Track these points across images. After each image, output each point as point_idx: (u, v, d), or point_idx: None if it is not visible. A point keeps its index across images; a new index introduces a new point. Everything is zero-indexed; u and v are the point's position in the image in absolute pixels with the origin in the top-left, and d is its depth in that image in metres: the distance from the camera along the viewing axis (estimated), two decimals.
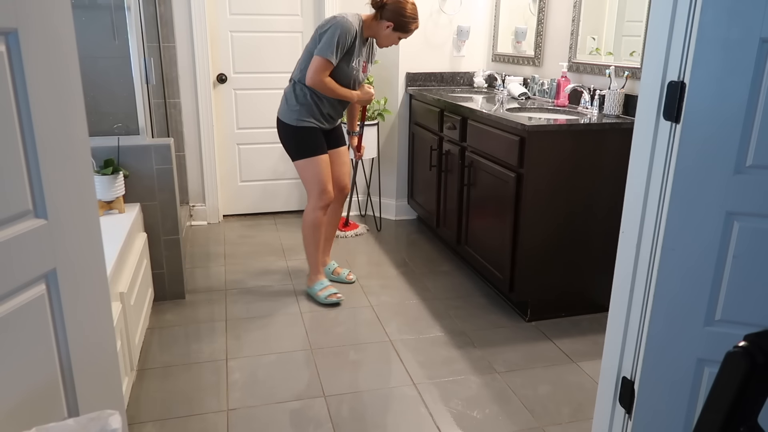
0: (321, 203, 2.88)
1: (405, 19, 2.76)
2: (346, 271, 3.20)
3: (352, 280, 3.18)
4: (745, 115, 1.26)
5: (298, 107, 2.79)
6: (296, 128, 2.80)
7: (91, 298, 1.23)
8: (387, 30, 2.76)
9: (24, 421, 1.06)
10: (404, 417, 2.08)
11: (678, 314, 1.42)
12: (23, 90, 1.02)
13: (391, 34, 2.79)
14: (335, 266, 3.21)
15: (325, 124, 2.89)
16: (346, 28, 2.65)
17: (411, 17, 2.79)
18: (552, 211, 2.63)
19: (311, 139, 2.82)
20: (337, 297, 2.92)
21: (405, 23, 2.77)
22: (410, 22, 2.79)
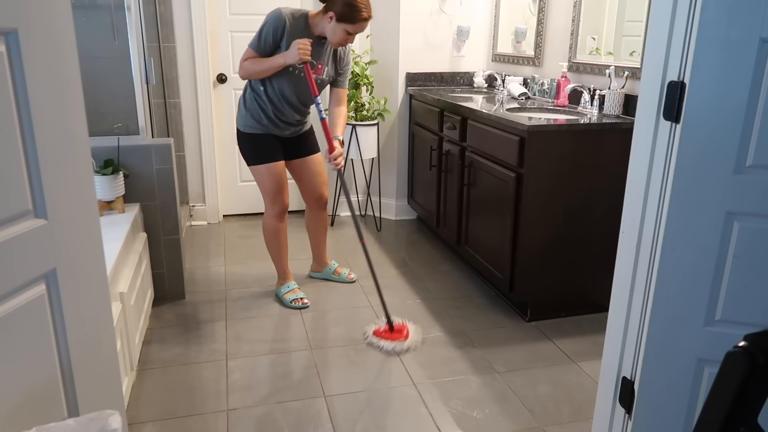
0: (273, 212, 2.81)
1: (349, 7, 2.42)
2: (346, 271, 3.19)
3: (353, 279, 3.17)
4: (745, 115, 1.26)
5: (245, 112, 2.70)
6: (244, 134, 2.72)
7: (91, 298, 1.23)
8: (332, 23, 2.47)
9: (24, 421, 1.06)
10: (404, 417, 2.08)
11: (678, 314, 1.42)
12: (23, 90, 1.02)
13: (336, 27, 2.47)
14: (336, 266, 3.20)
15: (277, 129, 2.73)
16: (273, 18, 2.50)
17: (357, 7, 2.43)
18: (552, 211, 2.63)
19: (258, 145, 2.71)
20: (302, 302, 2.87)
21: (348, 12, 2.43)
22: (355, 11, 2.43)
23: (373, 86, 3.87)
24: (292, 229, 4.03)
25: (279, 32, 2.51)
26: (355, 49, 3.93)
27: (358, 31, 2.52)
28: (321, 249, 3.16)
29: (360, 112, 3.87)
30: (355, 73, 3.76)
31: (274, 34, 2.51)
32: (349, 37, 2.53)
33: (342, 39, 2.52)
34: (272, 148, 2.74)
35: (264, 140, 2.72)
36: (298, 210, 4.39)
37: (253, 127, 2.69)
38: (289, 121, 2.73)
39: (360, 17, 2.46)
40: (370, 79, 3.81)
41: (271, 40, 2.52)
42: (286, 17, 2.50)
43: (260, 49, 2.53)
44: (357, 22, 2.47)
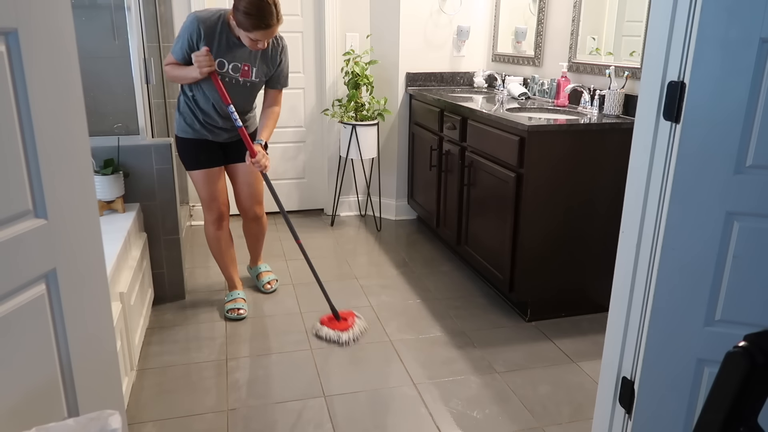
0: (209, 218, 2.71)
1: (245, 15, 2.23)
2: (267, 279, 3.03)
3: (269, 290, 3.01)
4: (745, 115, 1.26)
5: (179, 116, 2.59)
6: (179, 138, 2.62)
7: (91, 298, 1.23)
8: (236, 28, 2.32)
9: (24, 421, 1.06)
10: (404, 417, 2.08)
11: (678, 314, 1.42)
12: (23, 90, 1.02)
13: (239, 32, 2.32)
14: (261, 270, 3.08)
15: (211, 134, 2.59)
16: (186, 25, 2.36)
17: (253, 14, 2.22)
18: (552, 211, 2.63)
19: (192, 150, 2.60)
20: (237, 313, 2.74)
21: (243, 20, 2.24)
22: (251, 21, 2.23)
23: (373, 86, 3.87)
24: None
25: (194, 38, 2.37)
26: (355, 49, 3.93)
27: (261, 39, 2.30)
28: (254, 252, 3.08)
29: (360, 112, 3.87)
30: (355, 73, 3.76)
31: (189, 41, 2.37)
32: (257, 42, 2.32)
33: (250, 44, 2.33)
34: (206, 153, 2.61)
35: (198, 145, 2.60)
36: (299, 210, 4.40)
37: (187, 132, 2.58)
38: (221, 126, 2.59)
39: (256, 27, 2.25)
40: (370, 79, 3.81)
41: (187, 47, 2.38)
42: (199, 22, 2.34)
43: (179, 56, 2.41)
44: (253, 30, 2.26)
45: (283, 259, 3.48)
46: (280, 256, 3.52)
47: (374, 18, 4.02)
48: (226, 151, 2.67)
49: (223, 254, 2.81)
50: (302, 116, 4.20)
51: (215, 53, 2.39)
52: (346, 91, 3.95)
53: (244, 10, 2.22)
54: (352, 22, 4.01)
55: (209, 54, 2.36)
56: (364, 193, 4.29)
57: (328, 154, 4.21)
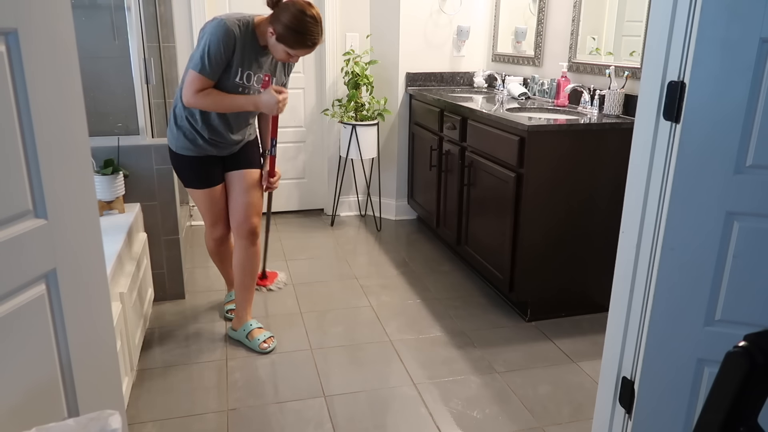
0: (212, 234, 2.56)
1: (291, 30, 2.08)
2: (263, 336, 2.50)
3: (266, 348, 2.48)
4: (745, 115, 1.26)
5: (176, 131, 2.31)
6: (176, 155, 2.36)
7: (91, 298, 1.23)
8: (271, 38, 2.13)
9: (24, 421, 1.06)
10: (404, 417, 2.08)
11: (678, 314, 1.42)
12: (23, 90, 1.02)
13: (275, 45, 2.14)
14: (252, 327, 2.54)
15: (215, 150, 2.36)
16: (221, 33, 2.08)
17: (300, 32, 2.09)
18: (552, 211, 2.63)
19: (193, 169, 2.36)
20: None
21: (289, 36, 2.09)
22: (298, 37, 2.09)
23: (373, 86, 3.87)
24: (292, 228, 4.04)
25: (230, 49, 2.12)
26: (355, 49, 3.93)
27: (301, 55, 2.19)
28: (246, 298, 2.54)
29: (360, 112, 3.87)
30: (355, 73, 3.76)
31: (225, 52, 2.11)
32: (291, 58, 2.20)
33: (283, 58, 2.19)
34: (210, 170, 2.38)
35: (200, 163, 2.36)
36: (299, 210, 4.40)
37: (187, 149, 2.32)
38: (228, 142, 2.37)
39: (303, 44, 2.12)
40: (370, 79, 3.81)
41: (222, 61, 2.12)
42: (235, 30, 2.11)
43: (212, 74, 2.12)
44: (298, 48, 2.13)
45: (283, 259, 3.48)
46: (280, 256, 3.52)
47: (374, 18, 4.02)
48: (224, 161, 2.45)
49: (223, 261, 2.71)
50: (302, 116, 4.20)
51: (243, 66, 2.19)
52: (346, 91, 3.95)
53: (293, 27, 2.07)
54: (352, 22, 4.01)
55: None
56: (364, 193, 4.29)
57: (328, 154, 4.21)
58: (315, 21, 2.10)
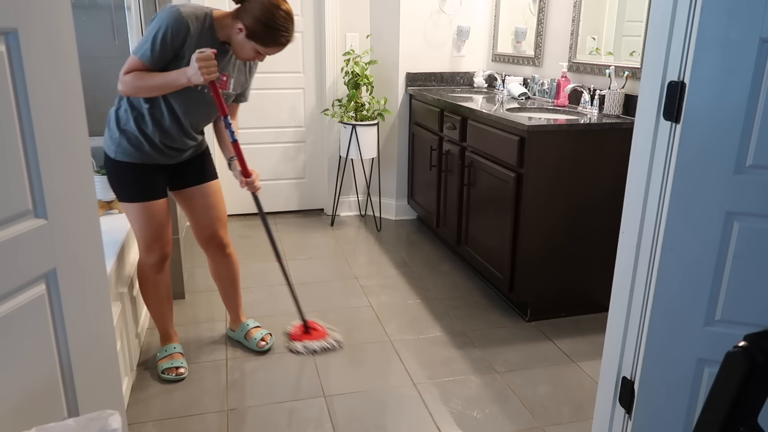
0: (148, 259, 2.19)
1: (265, 26, 1.91)
2: (260, 334, 2.47)
3: (263, 347, 2.44)
4: (745, 115, 1.26)
5: (118, 134, 2.03)
6: (114, 162, 2.06)
7: (91, 298, 1.23)
8: (240, 35, 1.94)
9: (24, 421, 1.06)
10: (404, 417, 2.08)
11: (678, 314, 1.42)
12: (23, 90, 1.02)
13: (244, 42, 1.95)
14: (250, 327, 2.50)
15: (163, 158, 2.10)
16: (171, 20, 1.88)
17: (275, 28, 1.92)
18: (552, 211, 2.63)
19: (133, 179, 2.07)
20: (176, 373, 2.24)
21: (263, 32, 1.92)
22: (272, 33, 1.93)
23: (373, 86, 3.87)
24: (292, 229, 4.03)
25: (180, 38, 1.91)
26: (355, 49, 3.93)
27: (272, 54, 2.01)
28: (232, 303, 2.51)
29: (360, 112, 3.87)
30: (355, 73, 3.76)
31: (173, 40, 1.90)
32: (259, 56, 2.01)
33: (249, 56, 2.00)
34: (152, 181, 2.11)
35: (142, 172, 2.08)
36: (299, 210, 4.40)
37: (129, 155, 2.04)
38: (180, 147, 2.12)
39: (277, 41, 1.96)
40: (370, 79, 3.81)
41: (169, 48, 1.90)
42: (189, 19, 1.91)
43: (153, 60, 1.90)
44: (271, 46, 1.96)
45: (284, 259, 3.47)
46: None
47: (374, 18, 4.02)
48: (173, 174, 2.18)
49: (161, 301, 2.30)
50: (302, 116, 4.20)
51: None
52: (346, 91, 3.95)
53: (267, 22, 1.90)
54: (352, 22, 4.01)
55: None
56: (364, 193, 4.29)
57: (328, 154, 4.21)
58: (289, 16, 1.95)
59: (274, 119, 4.14)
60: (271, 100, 4.09)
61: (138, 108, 2.02)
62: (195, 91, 2.01)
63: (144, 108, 2.01)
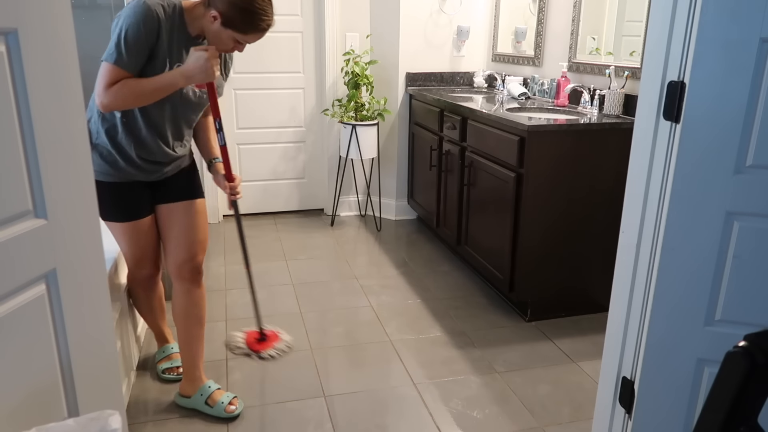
0: (138, 277, 2.11)
1: (241, 10, 1.71)
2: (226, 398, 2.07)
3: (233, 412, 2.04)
4: (745, 115, 1.26)
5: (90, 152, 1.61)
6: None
7: (91, 298, 1.23)
8: (215, 24, 1.73)
9: (24, 421, 1.06)
10: (404, 417, 2.08)
11: (678, 314, 1.42)
12: (23, 90, 1.02)
13: (220, 32, 1.74)
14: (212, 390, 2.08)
15: (142, 173, 1.89)
16: (140, 16, 1.67)
17: (252, 11, 1.73)
18: (552, 211, 2.63)
19: (112, 198, 1.87)
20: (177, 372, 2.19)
21: (240, 17, 1.72)
22: (250, 17, 1.73)
23: (373, 86, 3.87)
24: (292, 229, 4.03)
25: (153, 34, 1.70)
26: (355, 49, 3.93)
27: (252, 42, 1.80)
28: (194, 354, 2.08)
29: (360, 112, 3.87)
30: (355, 73, 3.76)
31: (147, 37, 1.69)
32: (238, 46, 1.81)
33: (228, 47, 1.81)
34: (135, 199, 1.92)
35: (121, 191, 1.88)
36: (299, 210, 4.40)
37: (105, 174, 1.84)
38: (160, 160, 1.91)
39: (256, 27, 1.75)
40: (370, 79, 3.81)
41: (144, 48, 1.69)
42: (158, 11, 1.70)
43: (131, 64, 1.69)
44: (250, 32, 1.76)
45: (283, 259, 3.48)
46: (280, 256, 3.52)
47: (374, 18, 4.02)
48: (154, 190, 1.98)
49: (154, 310, 2.25)
50: (302, 116, 4.20)
51: (172, 57, 1.77)
52: (346, 91, 3.95)
53: (243, 5, 1.71)
54: (352, 22, 4.01)
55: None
56: (364, 193, 4.29)
57: (328, 154, 4.21)
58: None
59: (274, 119, 4.14)
60: (271, 100, 4.09)
61: (109, 119, 1.81)
62: (175, 94, 1.80)
63: (116, 117, 1.80)
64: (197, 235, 2.03)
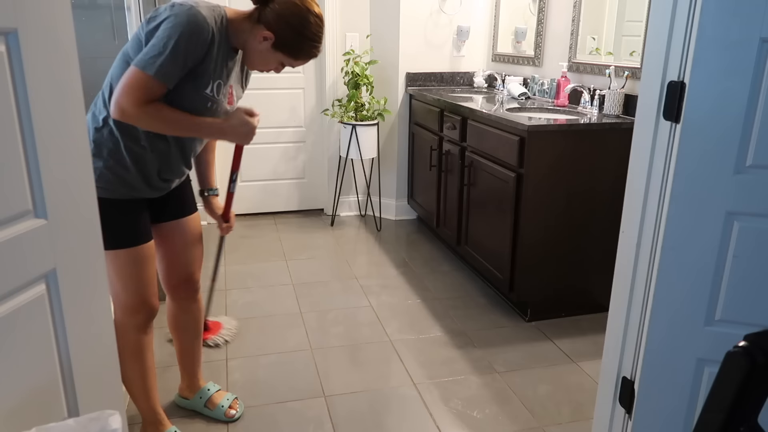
0: (134, 319, 1.73)
1: (300, 37, 1.58)
2: (227, 400, 2.06)
3: (233, 416, 2.03)
4: (745, 115, 1.26)
5: (100, 163, 1.60)
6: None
7: (91, 298, 1.23)
8: (263, 44, 1.59)
9: (24, 421, 1.06)
10: (404, 417, 2.08)
11: (678, 314, 1.42)
12: (23, 90, 1.02)
13: (267, 53, 1.61)
14: (211, 392, 2.07)
15: (153, 191, 1.71)
16: (195, 28, 1.48)
17: (310, 38, 1.60)
18: (552, 211, 2.63)
19: (119, 219, 1.62)
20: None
21: (296, 43, 1.59)
22: (304, 44, 1.60)
23: (373, 86, 3.87)
24: (292, 229, 4.04)
25: (203, 49, 1.52)
26: (355, 49, 3.93)
27: (296, 66, 1.68)
28: (192, 362, 2.06)
29: (360, 112, 3.87)
30: (355, 73, 3.76)
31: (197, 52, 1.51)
32: (279, 68, 1.68)
33: (269, 68, 1.69)
34: (140, 220, 1.70)
35: (128, 210, 1.66)
36: (298, 210, 4.40)
37: (109, 190, 1.61)
38: (175, 177, 1.77)
39: (309, 53, 1.63)
40: (370, 79, 3.81)
41: (188, 64, 1.51)
42: (212, 23, 1.52)
43: (171, 79, 1.49)
44: (301, 57, 1.64)
45: (283, 259, 3.48)
46: (280, 256, 3.52)
47: (374, 18, 4.02)
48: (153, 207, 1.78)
49: (147, 372, 1.83)
50: (302, 116, 4.20)
51: (215, 73, 1.60)
52: (346, 91, 3.95)
53: (302, 31, 1.57)
54: (352, 22, 4.01)
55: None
56: (364, 193, 4.29)
57: (328, 154, 4.21)
58: (322, 23, 1.62)
59: (274, 119, 4.14)
60: (271, 100, 4.09)
61: (130, 132, 1.60)
62: (209, 110, 1.64)
63: (140, 132, 1.60)
64: (195, 253, 1.91)
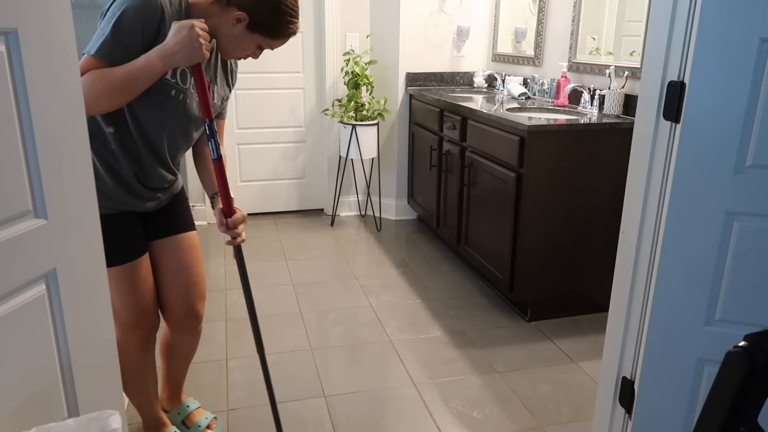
0: (133, 338, 1.66)
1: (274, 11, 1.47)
2: (205, 419, 1.97)
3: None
4: (745, 115, 1.26)
5: None
6: None
7: (91, 298, 1.23)
8: (237, 27, 1.48)
9: (24, 421, 1.06)
10: (404, 417, 2.08)
11: (678, 314, 1.42)
12: (23, 90, 1.02)
13: (242, 36, 1.49)
14: (191, 409, 1.98)
15: (137, 202, 1.60)
16: (139, 5, 1.39)
17: (284, 13, 1.49)
18: (552, 211, 2.63)
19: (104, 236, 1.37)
20: None
21: (271, 21, 1.48)
22: (281, 20, 1.49)
23: (373, 86, 3.87)
24: (292, 229, 4.04)
25: (153, 25, 1.41)
26: (355, 49, 3.93)
27: (275, 47, 1.55)
28: (176, 379, 1.97)
29: (360, 112, 3.87)
30: (355, 73, 3.76)
31: (143, 28, 1.40)
32: (257, 52, 1.56)
33: (246, 53, 1.56)
34: (130, 234, 1.61)
35: (115, 224, 1.55)
36: (298, 210, 4.40)
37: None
38: (157, 185, 1.63)
39: (287, 30, 1.52)
40: (370, 79, 3.81)
41: (139, 39, 1.40)
42: (165, 8, 1.42)
43: (118, 56, 1.38)
44: (279, 37, 1.52)
45: (283, 259, 3.48)
46: (280, 256, 3.52)
47: (374, 18, 4.02)
48: (146, 223, 1.68)
49: (148, 386, 1.81)
50: (302, 116, 4.20)
51: None
52: (346, 91, 3.95)
53: (277, 6, 1.47)
54: (352, 22, 4.01)
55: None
56: (364, 193, 4.29)
57: (328, 154, 4.21)
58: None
59: (274, 119, 4.14)
60: (271, 100, 4.09)
61: (99, 134, 1.49)
62: (174, 100, 1.52)
63: (108, 134, 1.49)
64: (193, 278, 1.74)
